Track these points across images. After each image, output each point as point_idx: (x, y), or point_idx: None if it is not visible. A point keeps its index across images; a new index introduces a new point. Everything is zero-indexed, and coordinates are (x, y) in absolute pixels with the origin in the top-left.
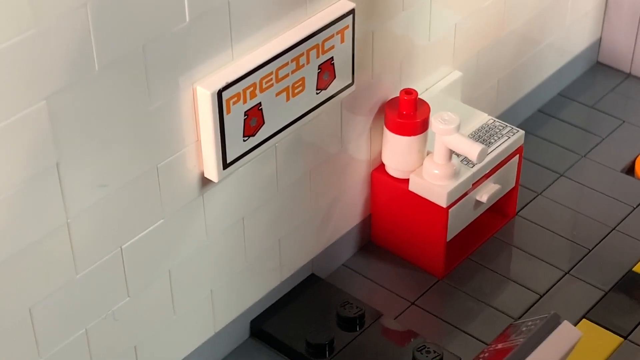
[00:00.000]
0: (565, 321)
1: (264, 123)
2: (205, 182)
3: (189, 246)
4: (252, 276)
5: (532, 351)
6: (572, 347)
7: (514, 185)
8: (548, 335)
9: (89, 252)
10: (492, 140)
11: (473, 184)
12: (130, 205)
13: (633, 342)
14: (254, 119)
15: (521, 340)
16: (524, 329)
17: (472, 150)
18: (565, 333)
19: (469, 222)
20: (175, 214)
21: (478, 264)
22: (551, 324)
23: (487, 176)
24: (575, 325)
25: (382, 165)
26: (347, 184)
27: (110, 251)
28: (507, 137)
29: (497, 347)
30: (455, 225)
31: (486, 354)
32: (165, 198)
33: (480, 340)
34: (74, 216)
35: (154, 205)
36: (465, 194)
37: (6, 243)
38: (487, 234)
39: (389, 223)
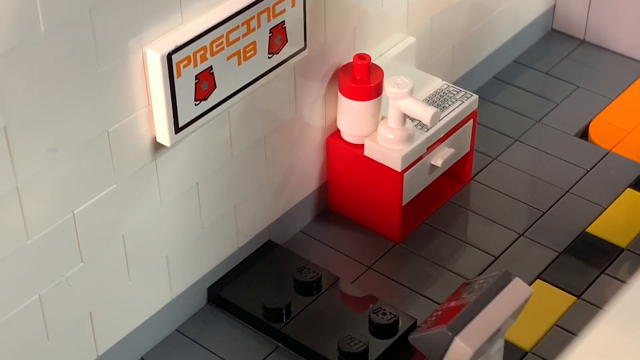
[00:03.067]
0: (517, 278)
1: (215, 87)
2: (158, 147)
3: (143, 212)
4: (209, 243)
5: (484, 307)
6: (524, 304)
7: (468, 149)
8: (500, 292)
9: (40, 217)
10: (446, 105)
11: (428, 148)
12: (82, 170)
13: (586, 301)
14: (205, 82)
15: (473, 297)
16: (476, 286)
17: (425, 113)
18: (517, 289)
19: (425, 186)
20: (128, 179)
21: (434, 228)
22: (503, 281)
23: (441, 140)
24: (529, 285)
25: (338, 131)
26: (303, 151)
27: (62, 216)
28: (461, 102)
29: (449, 305)
30: (411, 189)
31: (439, 312)
32: (117, 163)
33: (436, 302)
34: (24, 181)
35: (105, 170)
36: (420, 158)
37: None
38: (443, 199)
39: (346, 189)
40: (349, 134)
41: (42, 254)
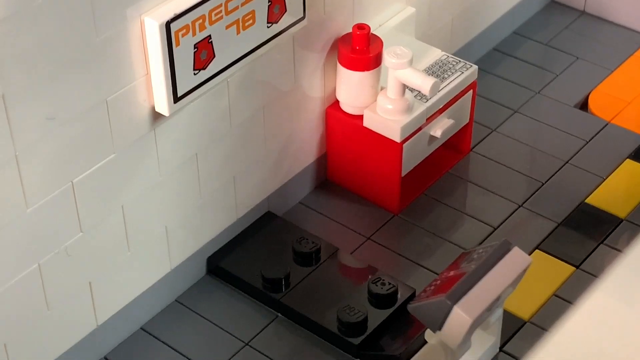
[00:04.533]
0: (516, 247)
1: (214, 56)
2: (156, 116)
3: (142, 181)
4: (208, 213)
5: (483, 277)
6: (523, 273)
7: (468, 120)
8: (499, 261)
9: (39, 186)
10: (446, 76)
11: (427, 119)
12: (80, 139)
13: (585, 271)
14: (204, 51)
15: (472, 266)
16: (475, 256)
17: (425, 83)
18: (516, 259)
19: (424, 157)
20: (126, 148)
21: (433, 199)
22: (502, 250)
23: (441, 111)
24: (528, 255)
25: (337, 102)
26: (302, 122)
27: (61, 185)
28: (460, 72)
29: (448, 275)
30: (410, 160)
31: (438, 282)
32: (116, 132)
33: (435, 273)
34: (23, 149)
35: (104, 140)
36: (419, 129)
37: None
38: (442, 170)
39: (345, 160)
40: (348, 105)
41: (41, 223)
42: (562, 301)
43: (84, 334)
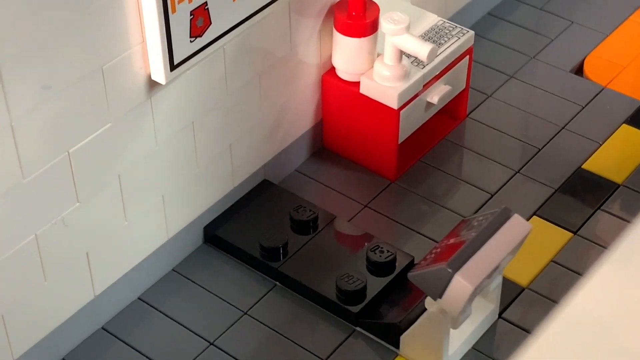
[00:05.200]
0: (516, 214)
1: (210, 23)
2: (153, 85)
3: (138, 151)
4: (204, 182)
5: (484, 244)
6: (523, 240)
7: (464, 87)
8: (499, 229)
9: (35, 156)
10: (442, 41)
11: (424, 86)
12: (76, 108)
13: (582, 237)
14: (200, 18)
15: (473, 234)
16: (475, 223)
17: (422, 49)
18: (516, 226)
19: (421, 124)
20: (123, 117)
21: (430, 166)
22: (502, 218)
23: (437, 77)
24: None
25: (333, 68)
26: (298, 89)
27: (57, 155)
28: (457, 38)
29: (448, 242)
30: (407, 127)
31: (438, 250)
32: (112, 101)
33: (433, 240)
34: (18, 118)
35: (100, 109)
36: (416, 96)
37: None
38: (438, 137)
39: (341, 127)
40: (345, 72)
41: (38, 194)
42: (560, 267)
43: (81, 305)
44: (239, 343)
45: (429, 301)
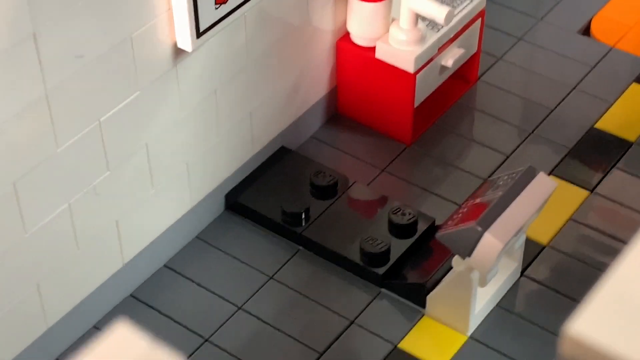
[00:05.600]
0: (541, 172)
1: None
2: (178, 52)
3: (164, 119)
4: (226, 150)
5: (511, 202)
6: (548, 198)
7: (476, 50)
8: (525, 187)
9: (68, 126)
10: (455, 4)
11: (439, 49)
12: (107, 77)
13: (600, 195)
14: None
15: (500, 193)
16: (500, 183)
17: (440, 12)
18: (542, 184)
19: (435, 87)
20: (150, 85)
21: (445, 129)
22: (527, 176)
23: (451, 41)
24: None
25: (347, 34)
26: (313, 55)
27: (90, 124)
28: (469, 1)
29: (475, 202)
30: (422, 91)
31: (464, 209)
32: (140, 69)
33: (451, 201)
34: (52, 88)
35: (129, 77)
36: (431, 59)
37: None
38: (451, 100)
39: (356, 93)
40: (360, 37)
41: (71, 163)
42: (579, 225)
43: (111, 273)
44: (267, 307)
45: (456, 260)
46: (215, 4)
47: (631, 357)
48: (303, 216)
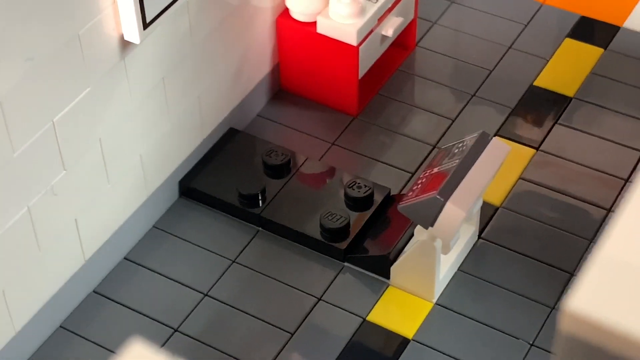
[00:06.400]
0: (495, 137)
1: None
2: (125, 45)
3: (115, 112)
4: (177, 137)
5: (469, 170)
6: (503, 161)
7: (413, 16)
8: (481, 153)
9: (23, 130)
10: None
11: (378, 19)
12: (57, 77)
13: (545, 152)
14: None
15: (457, 161)
16: (455, 150)
17: None
18: (497, 149)
19: (377, 58)
20: (100, 80)
21: (388, 98)
22: (482, 142)
23: (389, 10)
24: None
25: (286, 10)
26: (255, 34)
27: (43, 126)
28: None
29: (432, 172)
30: (365, 62)
31: (423, 180)
32: (89, 66)
33: (403, 170)
34: (5, 94)
35: (79, 74)
36: (372, 31)
37: None
38: (392, 68)
39: (299, 68)
40: (299, 13)
41: (28, 166)
42: (528, 183)
43: (74, 271)
44: (233, 291)
45: (419, 230)
46: None
47: (633, 329)
48: (260, 197)
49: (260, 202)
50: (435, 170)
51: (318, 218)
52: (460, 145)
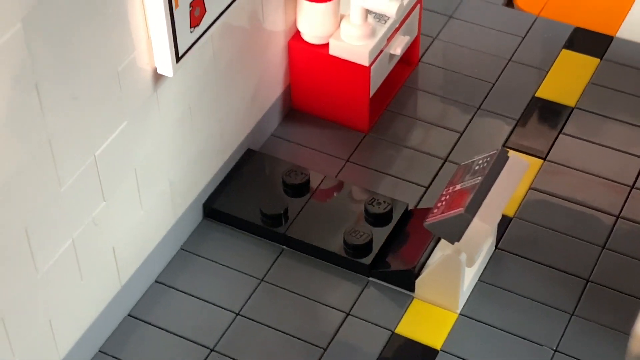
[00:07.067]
0: (514, 154)
1: (205, 11)
2: (157, 77)
3: (148, 142)
4: (201, 161)
5: (492, 186)
6: (523, 176)
7: (417, 33)
8: (502, 169)
9: (68, 165)
10: None
11: (387, 39)
12: (99, 113)
13: (552, 162)
14: (197, 8)
15: (479, 178)
16: (476, 167)
17: (390, 7)
18: (516, 165)
19: (385, 76)
20: (135, 113)
21: (397, 114)
22: (502, 159)
23: (397, 29)
24: None
25: (297, 33)
26: (270, 57)
27: (86, 160)
28: None
29: (455, 189)
30: (376, 81)
31: (447, 197)
32: (126, 100)
33: (418, 184)
34: (53, 132)
35: (117, 109)
36: (382, 50)
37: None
38: (398, 84)
39: (310, 88)
40: (312, 36)
41: (73, 199)
42: (539, 193)
43: (111, 296)
44: (264, 309)
45: (443, 244)
46: (190, 27)
47: None
48: (282, 217)
49: (283, 221)
50: (458, 187)
51: (340, 235)
52: (480, 162)
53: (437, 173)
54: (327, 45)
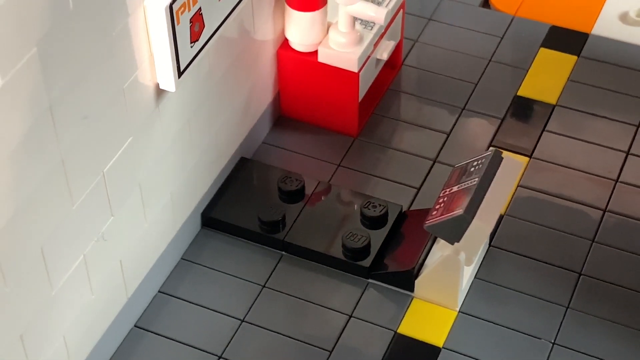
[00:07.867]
0: (508, 155)
1: (204, 26)
2: (159, 93)
3: (151, 156)
4: (198, 172)
5: (489, 187)
6: (517, 176)
7: (400, 38)
8: (497, 170)
9: (80, 183)
10: (385, 2)
11: (374, 45)
12: (107, 130)
13: (537, 159)
14: (197, 24)
15: (476, 179)
16: (471, 169)
17: (379, 14)
18: (510, 166)
19: (372, 80)
20: (139, 129)
21: (384, 117)
22: (496, 161)
23: (382, 35)
24: None
25: (286, 41)
26: (260, 67)
27: (96, 177)
28: None
29: (452, 191)
30: (364, 86)
31: (445, 199)
32: (131, 116)
33: (409, 186)
34: (66, 152)
35: (123, 125)
36: (369, 56)
37: (11, 194)
38: (383, 88)
39: (299, 95)
40: (300, 44)
41: (84, 216)
42: (527, 190)
43: (119, 309)
44: (268, 314)
45: (442, 245)
46: (190, 42)
47: None
48: (280, 223)
49: (281, 227)
50: (455, 189)
51: (338, 238)
52: (475, 163)
53: (428, 174)
54: (315, 52)
